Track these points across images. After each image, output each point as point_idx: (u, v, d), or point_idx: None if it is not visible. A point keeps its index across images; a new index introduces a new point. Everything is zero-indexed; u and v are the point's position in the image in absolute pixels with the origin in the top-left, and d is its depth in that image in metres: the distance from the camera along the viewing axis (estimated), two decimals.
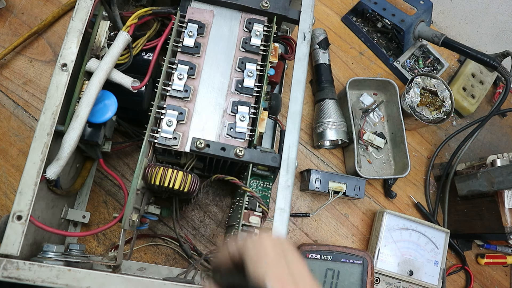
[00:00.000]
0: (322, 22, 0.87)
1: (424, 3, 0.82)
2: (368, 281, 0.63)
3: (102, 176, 0.67)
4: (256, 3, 0.55)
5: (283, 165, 0.49)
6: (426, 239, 0.73)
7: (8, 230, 0.41)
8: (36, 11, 0.73)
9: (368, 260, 0.64)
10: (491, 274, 0.81)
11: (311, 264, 0.64)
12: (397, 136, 0.78)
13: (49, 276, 0.40)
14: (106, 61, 0.48)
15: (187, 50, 0.53)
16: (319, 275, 0.63)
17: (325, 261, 0.64)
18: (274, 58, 0.55)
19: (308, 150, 0.78)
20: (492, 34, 0.94)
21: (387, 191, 0.78)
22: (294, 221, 0.74)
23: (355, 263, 0.64)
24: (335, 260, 0.64)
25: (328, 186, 0.70)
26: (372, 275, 0.64)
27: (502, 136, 0.89)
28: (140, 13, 0.53)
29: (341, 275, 0.63)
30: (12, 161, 0.65)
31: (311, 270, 0.62)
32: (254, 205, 0.50)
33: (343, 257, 0.64)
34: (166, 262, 0.66)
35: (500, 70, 0.69)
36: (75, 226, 0.64)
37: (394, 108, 0.79)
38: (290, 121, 0.51)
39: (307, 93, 0.81)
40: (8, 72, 0.69)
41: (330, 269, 0.64)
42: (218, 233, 0.69)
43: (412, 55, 0.87)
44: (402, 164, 0.76)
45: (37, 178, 0.43)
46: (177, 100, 0.51)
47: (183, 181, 0.49)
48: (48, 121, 0.44)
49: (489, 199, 0.71)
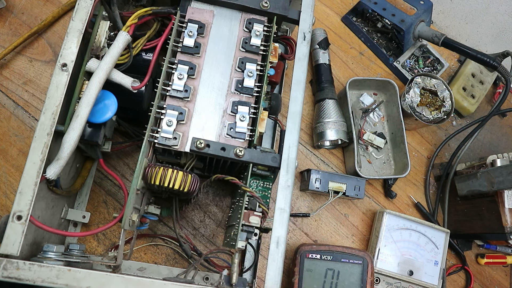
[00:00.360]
0: (322, 22, 0.87)
1: (424, 3, 0.82)
2: (368, 281, 0.63)
3: (102, 176, 0.67)
4: (256, 3, 0.55)
5: (283, 165, 0.49)
6: (426, 239, 0.73)
7: (8, 230, 0.41)
8: (36, 11, 0.73)
9: (368, 260, 0.64)
10: (491, 274, 0.81)
11: (311, 264, 0.64)
12: (397, 136, 0.78)
13: (49, 276, 0.40)
14: (106, 61, 0.48)
15: (187, 50, 0.53)
16: (319, 275, 0.63)
17: (325, 261, 0.64)
18: (274, 58, 0.55)
19: (308, 150, 0.78)
20: (492, 34, 0.94)
21: (387, 191, 0.78)
22: (294, 221, 0.74)
23: (355, 263, 0.64)
24: (335, 260, 0.64)
25: (328, 186, 0.70)
26: (372, 275, 0.64)
27: (502, 136, 0.89)
28: (140, 13, 0.53)
29: (341, 275, 0.63)
30: (12, 161, 0.65)
31: (311, 270, 0.62)
32: (254, 205, 0.50)
33: (343, 257, 0.64)
34: (166, 262, 0.66)
35: (500, 70, 0.69)
36: (75, 226, 0.64)
37: (394, 108, 0.79)
38: (290, 121, 0.51)
39: (307, 93, 0.81)
40: (8, 72, 0.69)
41: (330, 269, 0.64)
42: (218, 233, 0.69)
43: (412, 55, 0.87)
44: (402, 164, 0.76)
45: (37, 178, 0.43)
46: (177, 100, 0.51)
47: (183, 181, 0.49)
48: (48, 121, 0.44)
49: (489, 199, 0.71)
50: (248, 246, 0.66)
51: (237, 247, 0.48)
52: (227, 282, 0.48)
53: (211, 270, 0.64)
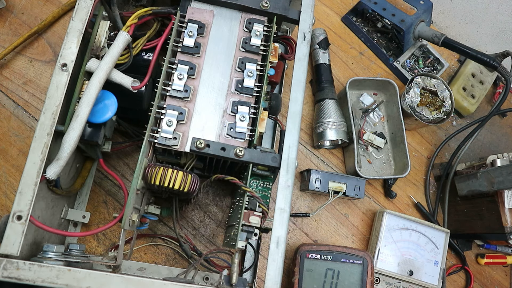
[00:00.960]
0: (322, 22, 0.87)
1: (424, 3, 0.82)
2: (368, 281, 0.63)
3: (102, 176, 0.67)
4: (256, 3, 0.55)
5: (283, 165, 0.49)
6: (426, 239, 0.73)
7: (8, 230, 0.41)
8: (36, 11, 0.73)
9: (368, 260, 0.64)
10: (491, 274, 0.81)
11: (311, 264, 0.64)
12: (397, 136, 0.78)
13: (49, 276, 0.40)
14: (106, 61, 0.48)
15: (187, 50, 0.53)
16: (319, 275, 0.63)
17: (325, 261, 0.64)
18: (274, 58, 0.55)
19: (308, 150, 0.78)
20: (492, 34, 0.94)
21: (387, 191, 0.78)
22: (294, 221, 0.74)
23: (355, 263, 0.64)
24: (335, 260, 0.64)
25: (328, 186, 0.70)
26: (372, 275, 0.64)
27: (502, 136, 0.89)
28: (140, 13, 0.53)
29: (341, 275, 0.63)
30: (12, 161, 0.65)
31: (311, 270, 0.62)
32: (254, 205, 0.50)
33: (343, 257, 0.64)
34: (166, 262, 0.66)
35: (500, 70, 0.69)
36: (75, 226, 0.64)
37: (394, 108, 0.79)
38: (290, 121, 0.51)
39: (307, 93, 0.81)
40: (8, 72, 0.69)
41: (330, 269, 0.64)
42: (218, 233, 0.69)
43: (412, 55, 0.87)
44: (402, 164, 0.76)
45: (37, 178, 0.43)
46: (177, 100, 0.51)
47: (183, 181, 0.49)
48: (48, 121, 0.44)
49: (489, 199, 0.71)
50: (248, 246, 0.66)
51: (237, 247, 0.48)
52: (227, 282, 0.48)
53: (211, 270, 0.64)
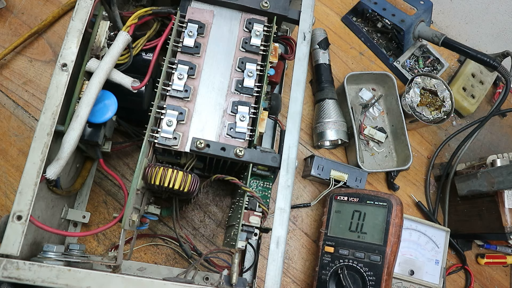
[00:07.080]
0: (322, 22, 0.87)
1: (424, 3, 0.82)
2: (392, 222, 0.63)
3: (102, 176, 0.67)
4: (256, 3, 0.55)
5: (283, 165, 0.49)
6: (427, 238, 0.73)
7: (8, 230, 0.41)
8: (36, 11, 0.73)
9: (393, 203, 0.65)
10: (491, 274, 0.81)
11: (339, 206, 0.68)
12: (397, 128, 0.79)
13: (49, 276, 0.40)
14: (106, 61, 0.48)
15: (187, 50, 0.53)
16: (346, 216, 0.67)
17: (352, 203, 0.67)
18: (274, 58, 0.55)
19: (308, 150, 0.78)
20: (492, 34, 0.94)
21: (389, 183, 0.79)
22: (294, 221, 0.74)
23: (380, 205, 0.65)
24: (361, 202, 0.66)
25: (329, 174, 0.71)
26: (398, 217, 0.64)
27: (502, 136, 0.89)
28: (140, 13, 0.53)
29: (367, 216, 0.65)
30: (12, 161, 0.65)
31: (339, 212, 0.67)
32: (254, 205, 0.50)
33: (369, 199, 0.66)
34: (166, 262, 0.66)
35: (500, 70, 0.69)
36: (75, 226, 0.64)
37: (393, 100, 0.79)
38: (290, 121, 0.51)
39: (307, 93, 0.81)
40: (8, 72, 0.69)
41: (357, 211, 0.66)
42: (218, 233, 0.69)
43: (412, 55, 0.87)
44: (404, 155, 0.77)
45: (37, 178, 0.43)
46: (177, 100, 0.51)
47: (183, 181, 0.49)
48: (48, 121, 0.44)
49: (489, 199, 0.71)
50: (248, 246, 0.66)
51: (237, 247, 0.48)
52: (227, 282, 0.48)
53: (211, 270, 0.64)
